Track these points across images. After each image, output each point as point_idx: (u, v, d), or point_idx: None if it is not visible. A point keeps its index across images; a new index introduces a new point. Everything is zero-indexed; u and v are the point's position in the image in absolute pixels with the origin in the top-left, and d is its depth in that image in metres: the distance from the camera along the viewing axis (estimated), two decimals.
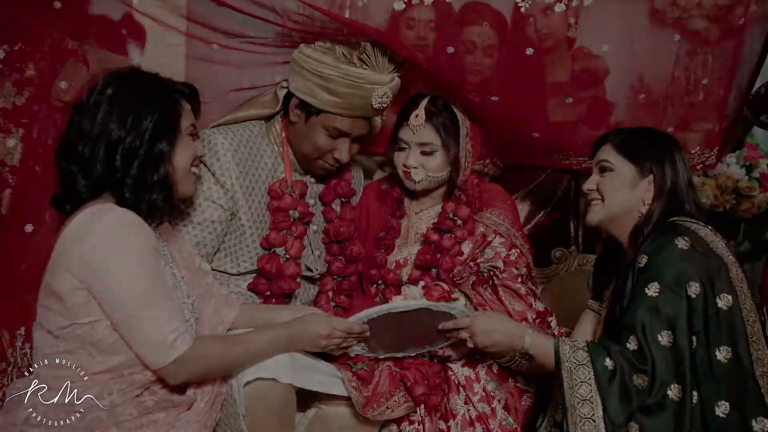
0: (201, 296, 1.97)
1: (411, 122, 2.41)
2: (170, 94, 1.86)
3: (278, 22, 2.36)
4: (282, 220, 2.32)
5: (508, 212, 2.54)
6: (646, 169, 2.03)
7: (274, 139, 2.39)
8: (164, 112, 1.81)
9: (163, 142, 1.80)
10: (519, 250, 2.47)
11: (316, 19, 2.35)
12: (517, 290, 2.38)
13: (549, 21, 2.48)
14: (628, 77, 2.63)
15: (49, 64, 2.27)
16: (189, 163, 1.90)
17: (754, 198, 3.76)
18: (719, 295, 1.85)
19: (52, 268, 1.74)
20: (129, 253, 1.72)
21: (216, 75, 2.48)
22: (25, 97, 2.24)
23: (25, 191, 2.23)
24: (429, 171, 2.44)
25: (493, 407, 2.26)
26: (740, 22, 2.52)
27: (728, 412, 1.80)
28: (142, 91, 1.82)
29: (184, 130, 1.87)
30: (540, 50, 2.55)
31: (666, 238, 1.91)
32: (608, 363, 1.83)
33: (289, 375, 1.96)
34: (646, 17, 2.55)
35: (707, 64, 2.60)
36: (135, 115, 1.77)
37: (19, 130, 2.24)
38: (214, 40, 2.41)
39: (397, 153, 2.47)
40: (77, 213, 1.75)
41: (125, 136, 1.76)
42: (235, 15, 2.36)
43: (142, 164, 1.77)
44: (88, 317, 1.71)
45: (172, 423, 1.79)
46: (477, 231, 2.49)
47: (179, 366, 1.75)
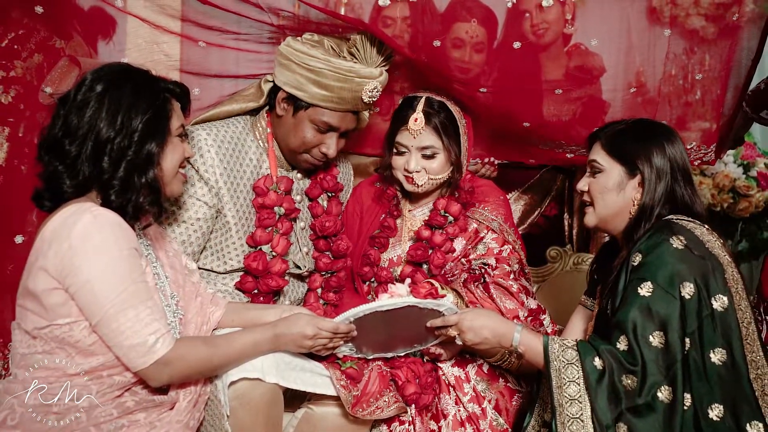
0: (186, 296, 1.97)
1: (410, 126, 2.39)
2: (161, 93, 1.84)
3: (271, 21, 2.37)
4: (267, 217, 2.30)
5: (501, 207, 2.53)
6: (634, 169, 2.01)
7: (259, 134, 2.38)
8: (155, 112, 1.79)
9: (152, 143, 1.78)
10: (511, 246, 2.47)
11: (311, 17, 2.36)
12: (509, 288, 2.37)
13: (545, 16, 2.49)
14: (624, 75, 2.62)
15: (36, 63, 2.27)
16: (177, 164, 1.88)
17: (752, 197, 3.83)
18: (714, 296, 1.83)
19: (29, 267, 1.72)
20: (107, 254, 1.69)
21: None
22: (12, 96, 2.25)
23: (12, 191, 2.23)
24: (431, 174, 2.43)
25: (483, 408, 2.25)
26: (735, 20, 2.52)
27: (722, 416, 1.79)
28: (132, 89, 1.79)
29: (174, 131, 1.86)
30: (535, 46, 2.55)
31: (661, 237, 1.89)
32: (597, 362, 1.82)
33: (275, 375, 1.96)
34: (643, 15, 2.55)
35: (704, 62, 2.60)
36: (125, 114, 1.75)
37: (5, 129, 2.25)
38: (201, 38, 2.42)
39: (396, 157, 2.46)
40: (57, 212, 1.73)
41: (114, 136, 1.74)
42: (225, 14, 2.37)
43: (131, 166, 1.76)
44: (65, 318, 1.70)
45: (153, 423, 1.78)
46: (470, 227, 2.49)
47: (160, 368, 1.73)
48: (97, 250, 1.68)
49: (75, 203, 1.74)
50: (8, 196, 2.23)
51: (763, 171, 3.88)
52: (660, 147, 2.00)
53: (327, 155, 2.33)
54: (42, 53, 2.27)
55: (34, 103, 2.27)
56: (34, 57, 2.28)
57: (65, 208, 1.72)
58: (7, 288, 2.13)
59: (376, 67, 2.30)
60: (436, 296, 2.17)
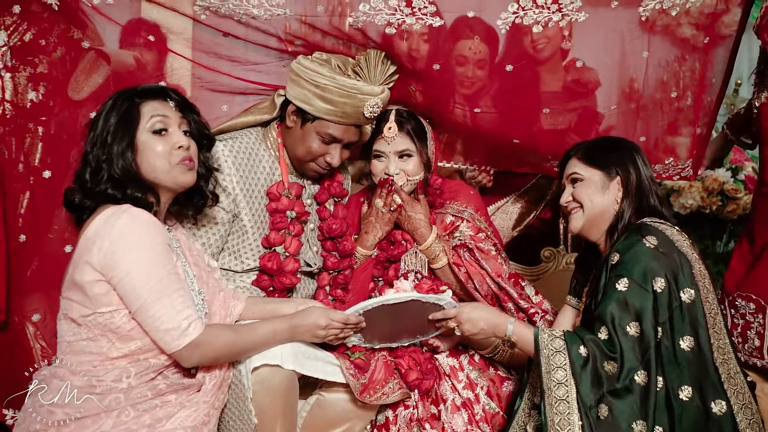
0: (210, 291, 2.11)
1: (385, 134, 2.60)
2: (130, 99, 1.95)
3: (276, 46, 2.50)
4: (280, 221, 2.44)
5: (471, 201, 2.75)
6: (612, 172, 2.18)
7: (270, 144, 2.52)
8: (120, 117, 1.93)
9: (121, 143, 1.91)
10: (485, 233, 2.67)
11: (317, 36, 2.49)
12: (488, 252, 2.59)
13: (545, 32, 2.55)
14: (609, 87, 2.68)
15: (59, 57, 2.26)
16: (167, 157, 1.96)
17: (740, 200, 3.81)
18: (683, 290, 1.98)
19: (75, 262, 1.87)
20: (145, 248, 1.85)
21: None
22: (42, 94, 2.25)
23: (44, 193, 2.26)
24: (409, 175, 2.62)
25: (476, 393, 2.41)
26: (706, 41, 2.60)
27: (691, 396, 1.94)
28: (111, 106, 1.96)
29: (145, 128, 1.95)
30: (533, 62, 2.63)
31: (635, 237, 2.04)
32: (582, 351, 1.95)
33: (293, 362, 2.09)
34: (631, 25, 2.59)
35: (679, 74, 2.67)
36: (101, 128, 1.93)
37: (38, 129, 2.26)
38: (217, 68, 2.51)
39: (376, 162, 2.65)
40: (96, 214, 1.90)
41: (92, 148, 1.93)
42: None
43: (108, 168, 1.90)
44: (108, 306, 1.84)
45: (183, 403, 1.92)
46: (447, 220, 2.69)
47: (192, 350, 1.87)
48: (134, 246, 1.84)
49: (110, 206, 1.90)
50: (46, 198, 2.26)
51: (750, 175, 3.84)
52: (630, 155, 2.20)
53: (331, 164, 2.47)
54: (63, 46, 2.27)
55: (63, 100, 2.28)
56: (57, 51, 2.27)
57: (104, 210, 1.89)
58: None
59: (378, 85, 2.43)
60: (437, 292, 2.31)
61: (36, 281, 2.27)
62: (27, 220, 2.27)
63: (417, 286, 2.33)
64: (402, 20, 2.44)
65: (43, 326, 2.27)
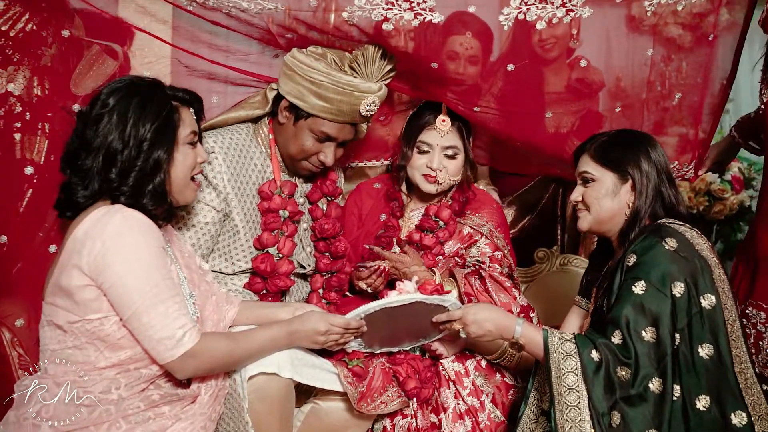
0: (202, 295, 2.02)
1: (438, 126, 2.51)
2: (168, 101, 1.88)
3: (266, 38, 2.43)
4: (273, 221, 2.37)
5: (493, 216, 2.66)
6: (625, 174, 2.10)
7: (261, 140, 2.44)
8: (162, 121, 1.84)
9: (159, 151, 1.83)
10: (502, 252, 2.59)
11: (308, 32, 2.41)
12: (502, 282, 2.48)
13: (552, 31, 2.51)
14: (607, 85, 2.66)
15: (56, 51, 2.21)
16: (189, 171, 1.93)
17: (726, 200, 3.87)
18: (703, 295, 1.92)
19: (62, 265, 1.77)
20: (138, 252, 1.76)
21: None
22: (47, 88, 2.20)
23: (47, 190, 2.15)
24: (450, 175, 2.54)
25: (482, 401, 2.34)
26: (712, 32, 2.58)
27: (708, 406, 1.88)
28: (141, 100, 1.83)
29: (183, 139, 1.90)
30: (538, 62, 2.60)
31: (654, 239, 1.97)
32: (594, 355, 1.89)
33: (290, 370, 2.03)
34: (622, 23, 2.58)
35: (681, 70, 2.64)
36: (133, 126, 1.80)
37: (45, 125, 2.20)
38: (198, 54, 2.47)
39: (419, 155, 2.56)
40: (86, 214, 1.79)
41: (123, 148, 1.80)
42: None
43: (140, 174, 1.81)
44: (97, 313, 1.75)
45: (178, 415, 1.84)
46: (464, 232, 2.60)
47: (187, 360, 1.79)
48: (128, 248, 1.74)
49: (102, 206, 1.79)
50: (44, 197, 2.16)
51: (737, 175, 3.90)
52: (645, 152, 2.10)
53: (324, 164, 2.40)
54: (57, 41, 2.21)
55: (66, 95, 2.23)
56: (56, 44, 2.21)
57: (95, 210, 1.78)
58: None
59: (375, 82, 2.35)
60: (441, 292, 2.26)
61: (21, 284, 2.19)
62: (12, 220, 2.19)
63: (421, 287, 2.27)
64: (400, 15, 2.37)
65: (23, 333, 2.18)
